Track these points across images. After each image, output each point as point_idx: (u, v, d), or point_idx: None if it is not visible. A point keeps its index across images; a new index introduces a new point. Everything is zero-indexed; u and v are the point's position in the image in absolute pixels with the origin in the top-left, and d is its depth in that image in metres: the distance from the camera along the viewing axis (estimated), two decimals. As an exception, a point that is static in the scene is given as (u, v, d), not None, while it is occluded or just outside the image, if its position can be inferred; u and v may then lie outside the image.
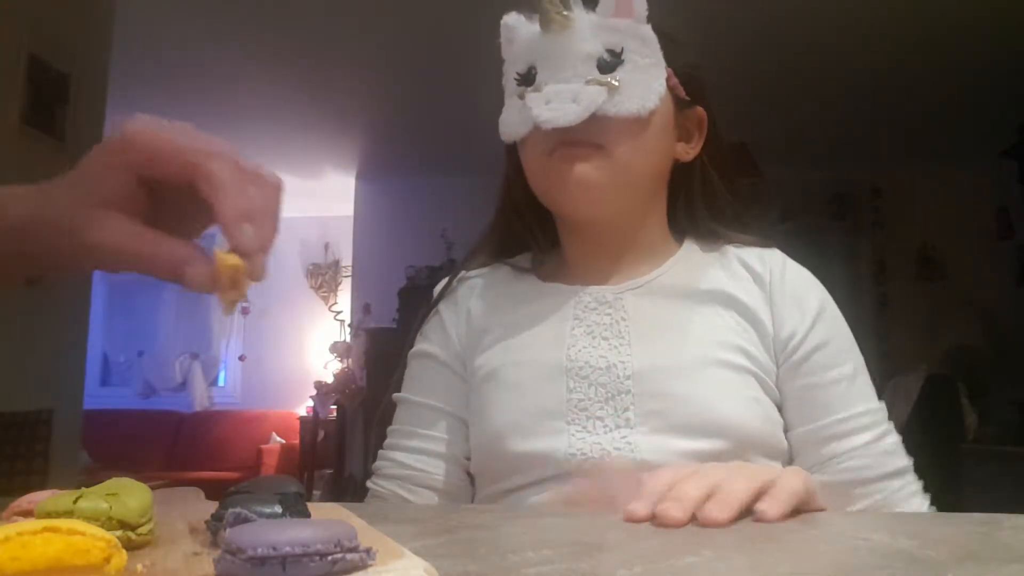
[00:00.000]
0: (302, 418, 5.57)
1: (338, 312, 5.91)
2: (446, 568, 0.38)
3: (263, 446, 5.53)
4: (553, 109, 0.73)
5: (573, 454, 0.73)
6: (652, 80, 0.76)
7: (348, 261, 5.93)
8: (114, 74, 2.68)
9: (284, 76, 3.99)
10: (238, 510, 0.39)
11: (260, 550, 0.31)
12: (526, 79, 0.78)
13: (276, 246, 0.47)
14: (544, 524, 0.56)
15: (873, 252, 5.10)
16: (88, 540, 0.32)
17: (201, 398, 6.22)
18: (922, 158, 4.92)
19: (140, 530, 0.40)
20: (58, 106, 2.36)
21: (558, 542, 0.48)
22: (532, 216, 0.88)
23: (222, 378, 6.57)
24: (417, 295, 4.38)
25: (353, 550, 0.33)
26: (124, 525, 0.39)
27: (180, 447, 5.75)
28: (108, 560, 0.33)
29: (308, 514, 0.42)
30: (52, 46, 2.34)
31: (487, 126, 0.86)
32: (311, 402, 5.30)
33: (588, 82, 0.74)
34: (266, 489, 0.44)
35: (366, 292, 5.48)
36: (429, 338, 0.88)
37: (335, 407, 4.98)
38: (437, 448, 0.82)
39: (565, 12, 0.75)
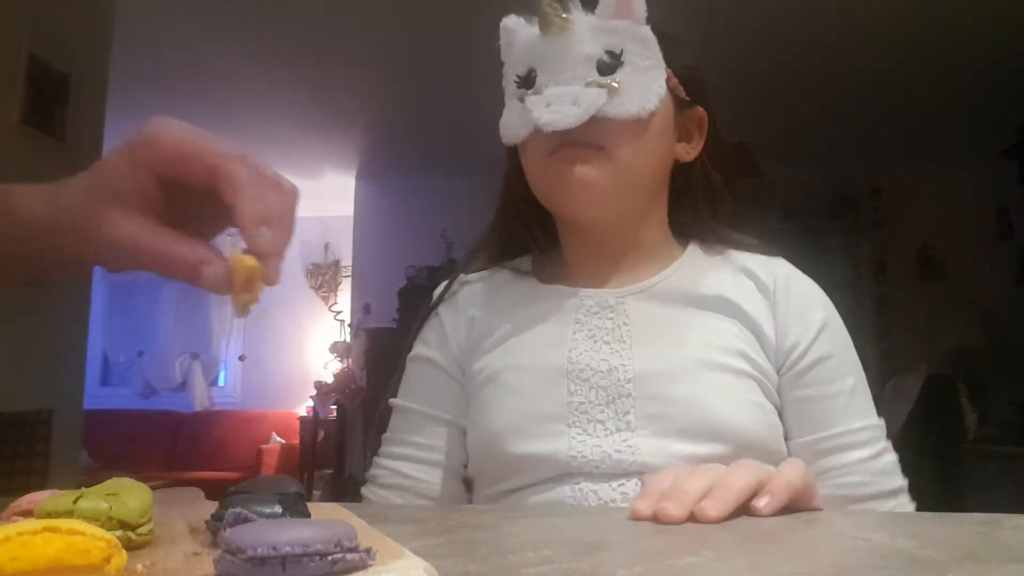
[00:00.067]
0: (302, 418, 5.57)
1: (338, 312, 5.91)
2: (446, 568, 0.38)
3: (263, 446, 5.53)
4: (553, 111, 0.73)
5: (573, 456, 0.73)
6: (652, 81, 0.76)
7: (348, 261, 5.93)
8: (114, 74, 2.67)
9: (284, 76, 3.99)
10: (238, 510, 0.39)
11: (260, 550, 0.31)
12: (526, 82, 0.78)
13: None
14: (544, 524, 0.56)
15: (873, 252, 5.10)
16: (88, 540, 0.32)
17: (201, 398, 6.22)
18: (922, 158, 4.92)
19: (140, 530, 0.40)
20: (58, 106, 2.36)
21: (558, 542, 0.48)
22: (533, 218, 0.87)
23: (222, 378, 6.58)
24: (417, 295, 4.38)
25: (353, 550, 0.33)
26: (124, 525, 0.39)
27: (180, 447, 5.75)
28: (108, 560, 0.32)
29: (308, 514, 0.42)
30: (52, 46, 2.33)
31: (487, 126, 0.86)
32: (311, 402, 5.30)
33: (588, 84, 0.74)
34: (266, 489, 0.44)
35: (366, 292, 5.48)
36: (428, 342, 0.87)
37: (335, 407, 4.98)
38: (434, 457, 0.82)
39: (564, 14, 0.75)
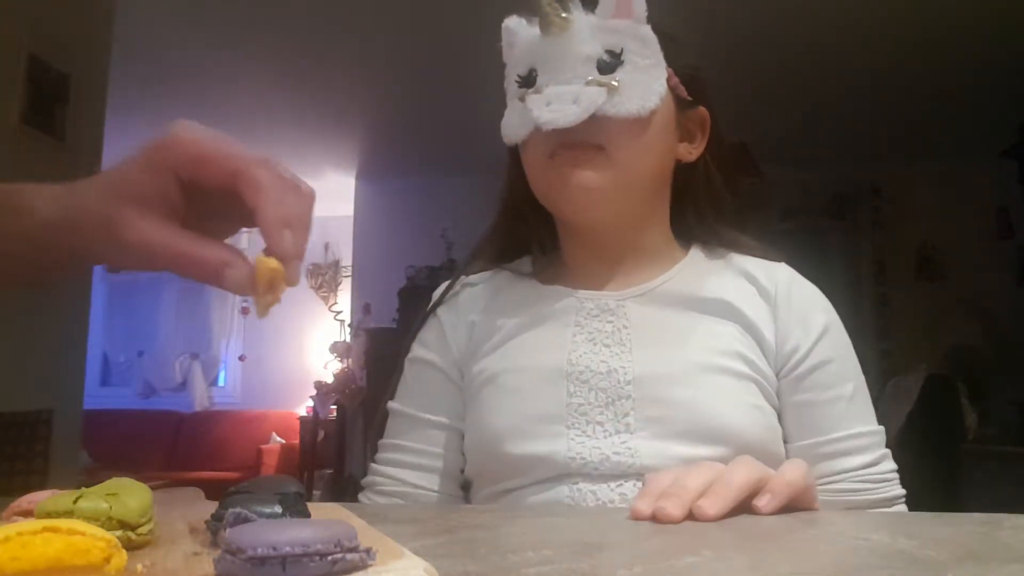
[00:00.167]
0: (302, 418, 5.56)
1: (338, 312, 5.91)
2: (446, 568, 0.38)
3: (263, 446, 5.53)
4: (553, 110, 0.73)
5: (572, 458, 0.73)
6: (652, 80, 0.76)
7: (348, 261, 5.93)
8: (114, 74, 2.67)
9: (284, 76, 3.99)
10: (238, 510, 0.39)
11: (260, 550, 0.31)
12: (527, 81, 0.78)
13: None
14: (544, 524, 0.56)
15: (873, 252, 5.09)
16: (88, 540, 0.32)
17: (201, 398, 6.22)
18: (922, 158, 4.92)
19: (140, 530, 0.40)
20: (58, 106, 2.35)
21: (558, 542, 0.48)
22: (534, 219, 0.87)
23: (222, 378, 6.57)
24: (417, 295, 4.38)
25: (353, 550, 0.33)
26: (124, 525, 0.39)
27: (180, 447, 5.75)
28: (108, 560, 0.32)
29: (308, 514, 0.42)
30: (52, 46, 2.33)
31: (487, 126, 0.87)
32: (311, 402, 5.30)
33: (588, 83, 0.74)
34: (266, 489, 0.43)
35: (366, 292, 5.48)
36: (427, 344, 0.87)
37: (335, 407, 4.98)
38: (432, 462, 0.82)
39: (564, 14, 0.75)
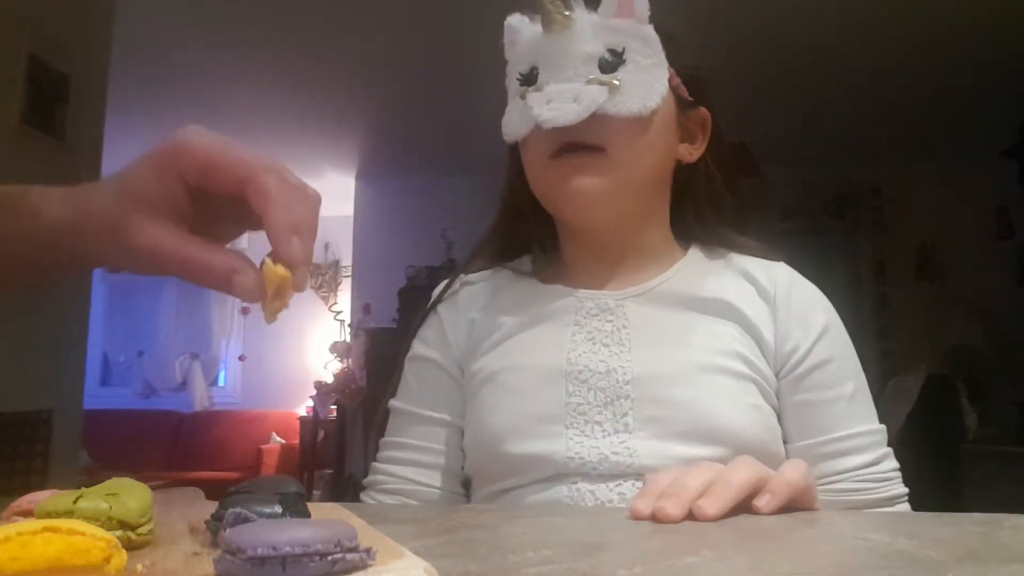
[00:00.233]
0: (302, 418, 5.57)
1: (338, 312, 5.91)
2: (446, 568, 0.38)
3: (263, 446, 5.53)
4: (554, 109, 0.73)
5: (571, 458, 0.72)
6: (654, 80, 0.76)
7: (348, 261, 5.93)
8: (114, 74, 2.67)
9: (284, 76, 3.99)
10: (238, 510, 0.39)
11: (260, 550, 0.31)
12: (528, 79, 0.77)
13: None
14: (544, 524, 0.56)
15: (873, 252, 5.09)
16: (88, 540, 0.32)
17: (201, 398, 6.22)
18: (922, 158, 4.92)
19: (140, 530, 0.40)
20: (58, 106, 2.35)
21: (558, 542, 0.48)
22: (534, 218, 0.87)
23: (222, 378, 6.58)
24: (417, 295, 4.37)
25: (353, 550, 0.33)
26: (124, 525, 0.39)
27: (180, 447, 5.75)
28: (108, 560, 0.32)
29: (308, 514, 0.42)
30: (52, 46, 2.33)
31: (487, 126, 0.87)
32: (311, 402, 5.30)
33: (589, 82, 0.74)
34: (266, 489, 0.43)
35: (366, 292, 5.49)
36: (427, 341, 0.87)
37: (335, 407, 4.98)
38: (433, 460, 0.82)
39: (567, 12, 0.75)
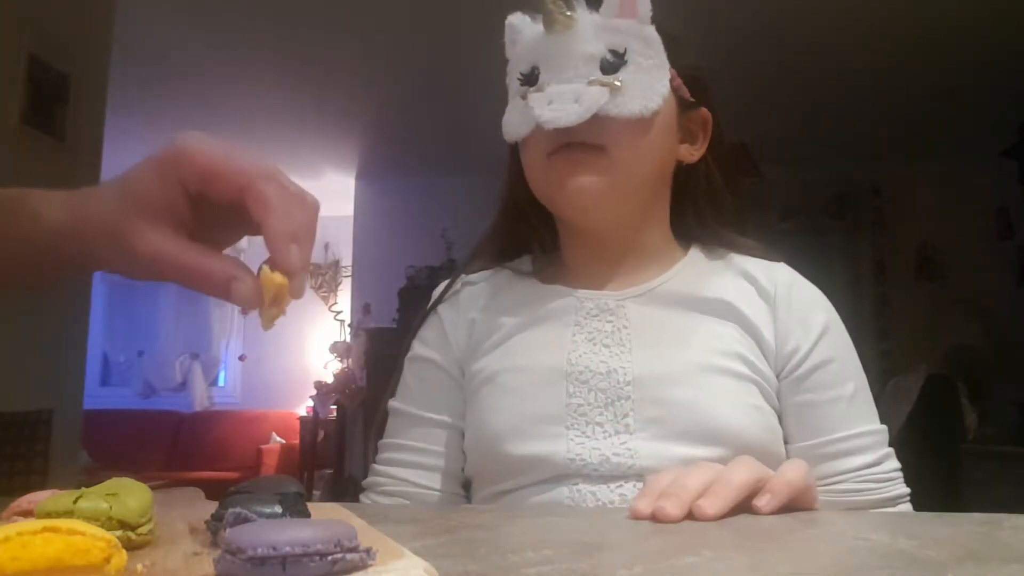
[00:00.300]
0: (302, 418, 5.57)
1: (338, 312, 5.91)
2: (446, 568, 0.38)
3: (263, 446, 5.53)
4: (555, 109, 0.73)
5: (572, 459, 0.72)
6: (655, 81, 0.75)
7: (348, 261, 5.93)
8: (114, 74, 2.67)
9: (284, 76, 3.99)
10: (238, 510, 0.39)
11: (260, 550, 0.31)
12: (529, 79, 0.77)
13: None
14: (544, 524, 0.56)
15: (873, 252, 5.10)
16: (88, 540, 0.32)
17: (201, 398, 6.22)
18: (922, 158, 4.92)
19: (140, 530, 0.40)
20: (58, 106, 2.35)
21: (558, 542, 0.48)
22: (535, 218, 0.87)
23: (222, 378, 6.58)
24: (417, 295, 4.38)
25: (353, 550, 0.33)
26: (124, 525, 0.39)
27: (180, 447, 5.75)
28: (108, 560, 0.32)
29: (308, 514, 0.42)
30: (52, 46, 2.33)
31: (487, 126, 0.86)
32: (311, 402, 5.30)
33: (591, 82, 0.73)
34: (266, 489, 0.43)
35: (366, 292, 5.48)
36: (427, 342, 0.87)
37: (335, 407, 4.98)
38: (434, 461, 0.82)
39: (568, 12, 0.74)
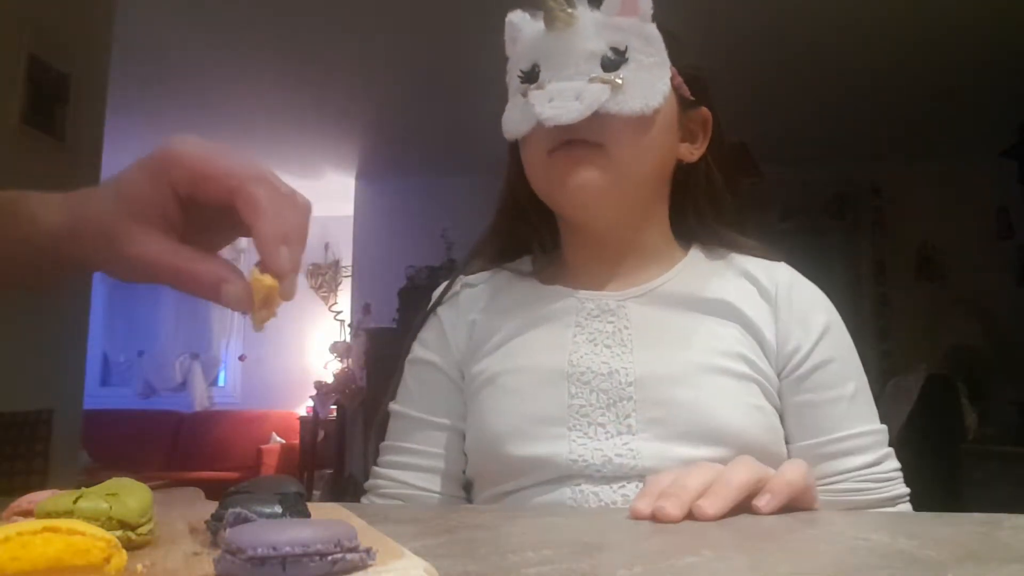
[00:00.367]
0: (302, 418, 5.57)
1: (338, 312, 5.91)
2: (446, 568, 0.38)
3: (263, 446, 5.53)
4: (556, 107, 0.73)
5: (575, 460, 0.72)
6: (656, 79, 0.75)
7: (348, 261, 5.94)
8: (114, 74, 2.67)
9: (284, 76, 3.99)
10: (238, 510, 0.39)
11: (260, 550, 0.31)
12: (530, 77, 0.77)
13: None
14: (544, 524, 0.56)
15: (873, 252, 5.10)
16: (88, 540, 0.32)
17: (201, 398, 6.22)
18: (922, 158, 4.92)
19: (140, 530, 0.40)
20: (58, 106, 2.35)
21: (558, 542, 0.48)
22: (536, 216, 0.87)
23: (222, 378, 6.58)
24: (417, 295, 4.38)
25: (353, 550, 0.33)
26: (124, 525, 0.39)
27: (180, 447, 5.75)
28: (108, 560, 0.32)
29: (308, 514, 0.42)
30: (52, 46, 2.33)
31: (487, 126, 0.86)
32: (311, 402, 5.30)
33: (591, 80, 0.73)
34: (266, 489, 0.43)
35: (366, 292, 5.49)
36: (427, 344, 0.87)
37: (335, 407, 4.98)
38: (434, 464, 0.82)
39: (569, 10, 0.74)
